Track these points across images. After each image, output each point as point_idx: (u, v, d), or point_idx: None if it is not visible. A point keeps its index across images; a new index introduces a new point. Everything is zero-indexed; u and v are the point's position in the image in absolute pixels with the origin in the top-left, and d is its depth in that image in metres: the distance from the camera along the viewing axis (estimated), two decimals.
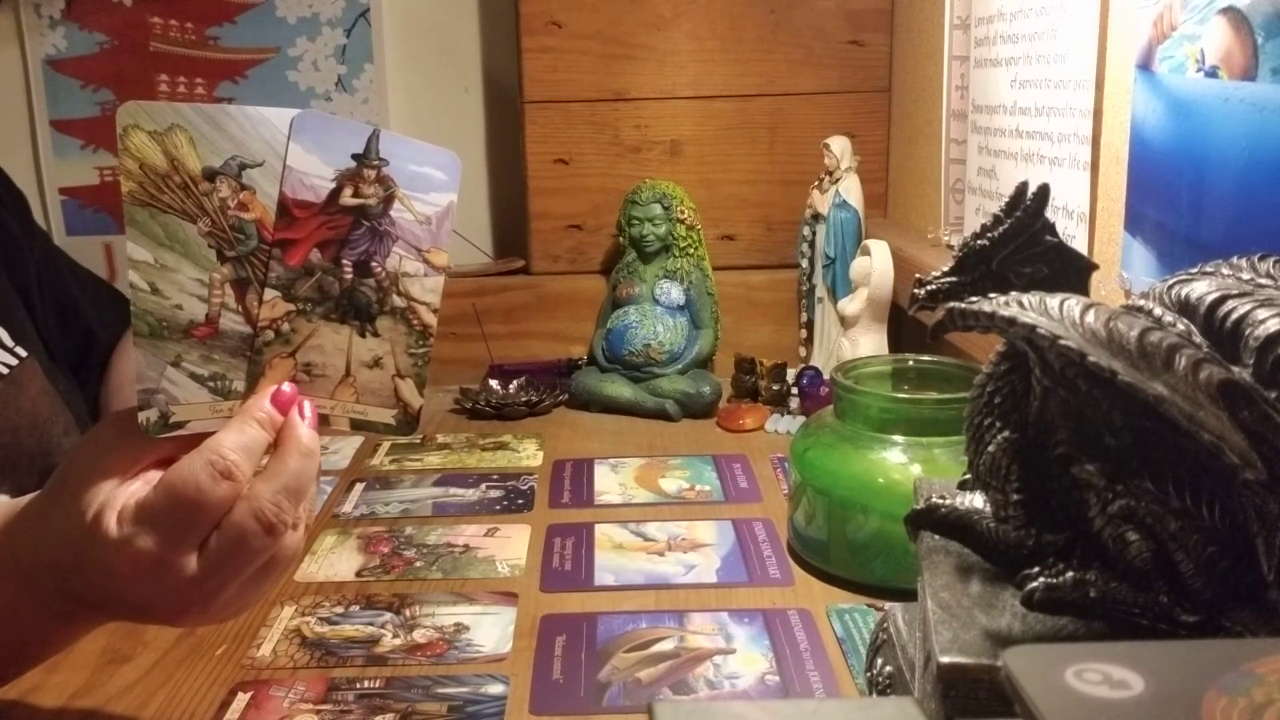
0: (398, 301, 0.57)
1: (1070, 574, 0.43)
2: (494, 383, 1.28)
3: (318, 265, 0.56)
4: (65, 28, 1.39)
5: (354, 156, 0.55)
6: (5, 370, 0.85)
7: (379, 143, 0.55)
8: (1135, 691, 0.29)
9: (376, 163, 0.55)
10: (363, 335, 0.57)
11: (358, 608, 0.79)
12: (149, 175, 0.52)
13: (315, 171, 0.54)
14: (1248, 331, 0.41)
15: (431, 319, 0.58)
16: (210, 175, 0.53)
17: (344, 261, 0.56)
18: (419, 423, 0.59)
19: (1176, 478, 0.41)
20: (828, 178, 1.21)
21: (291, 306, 0.55)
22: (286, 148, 0.54)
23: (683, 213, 1.26)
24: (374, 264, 0.56)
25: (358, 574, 0.84)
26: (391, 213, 0.56)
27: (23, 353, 0.87)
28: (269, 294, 0.55)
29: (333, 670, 0.70)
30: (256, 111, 0.53)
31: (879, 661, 0.57)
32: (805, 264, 1.26)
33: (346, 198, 0.55)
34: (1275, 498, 0.39)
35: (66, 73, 1.41)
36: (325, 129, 0.54)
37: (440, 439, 1.15)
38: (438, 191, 0.56)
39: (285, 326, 0.56)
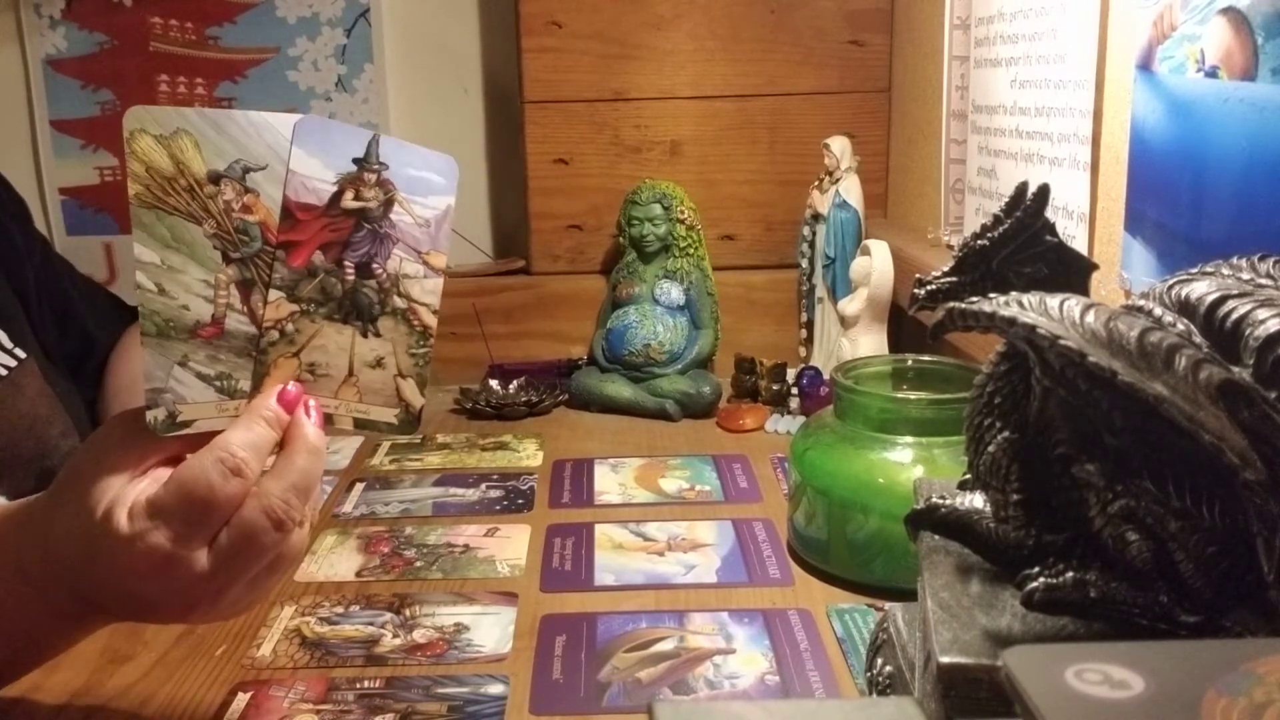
0: (399, 302, 0.57)
1: (1070, 574, 0.43)
2: (494, 383, 1.28)
3: (320, 267, 0.56)
4: (65, 28, 1.39)
5: (355, 160, 0.55)
6: (4, 372, 0.85)
7: (379, 147, 0.56)
8: (1135, 691, 0.29)
9: (376, 167, 0.56)
10: (365, 335, 0.57)
11: (358, 608, 0.79)
12: (155, 178, 0.53)
13: (317, 175, 0.55)
14: (1248, 331, 0.41)
15: (432, 320, 0.58)
16: (215, 178, 0.54)
17: (346, 263, 0.57)
18: (420, 422, 0.59)
19: (1176, 478, 0.41)
20: (828, 178, 1.21)
21: (295, 307, 0.56)
22: (289, 152, 0.54)
23: (683, 213, 1.26)
24: (375, 266, 0.57)
25: (358, 574, 0.84)
26: (391, 215, 0.56)
27: (21, 354, 0.87)
28: (273, 295, 0.55)
29: (333, 670, 0.70)
30: (260, 116, 0.54)
31: (879, 661, 0.57)
32: (805, 264, 1.25)
33: (348, 201, 0.56)
34: (1275, 498, 0.39)
35: (66, 73, 1.41)
36: (326, 133, 0.55)
37: (440, 439, 1.15)
38: (436, 195, 0.57)
39: (289, 327, 0.56)
